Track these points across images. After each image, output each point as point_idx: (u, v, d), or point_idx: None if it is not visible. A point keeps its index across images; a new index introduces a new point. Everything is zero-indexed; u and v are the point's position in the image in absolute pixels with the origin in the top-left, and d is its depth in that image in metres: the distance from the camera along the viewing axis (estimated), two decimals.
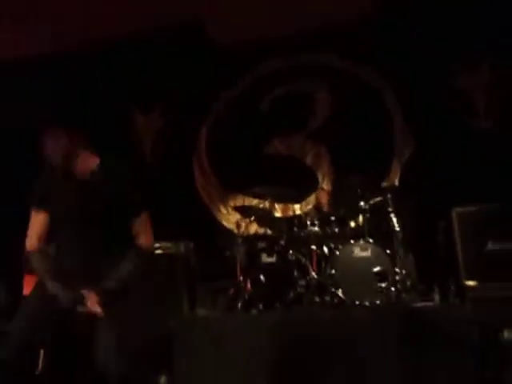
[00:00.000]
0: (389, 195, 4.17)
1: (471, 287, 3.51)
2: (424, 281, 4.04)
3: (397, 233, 4.02)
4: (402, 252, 3.99)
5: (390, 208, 4.10)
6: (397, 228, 4.03)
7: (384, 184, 5.28)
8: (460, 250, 3.66)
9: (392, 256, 3.88)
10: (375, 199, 4.29)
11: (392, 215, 4.07)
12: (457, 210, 3.78)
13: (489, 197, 4.09)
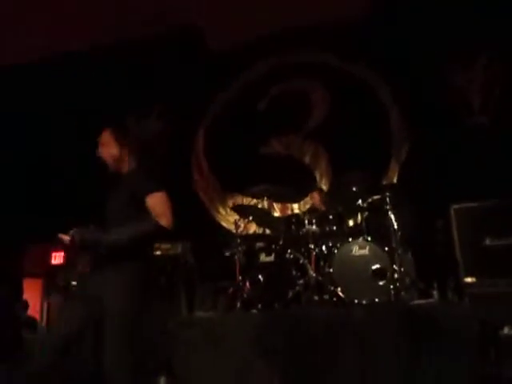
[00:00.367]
0: (387, 193, 4.16)
1: (470, 284, 3.51)
2: (423, 278, 4.04)
3: (395, 231, 4.01)
4: (401, 250, 3.98)
5: (389, 206, 4.09)
6: (395, 226, 4.03)
7: (382, 182, 5.29)
8: (458, 247, 3.65)
9: (390, 254, 3.88)
10: (373, 197, 4.28)
11: (390, 213, 4.07)
12: (454, 207, 3.77)
13: (487, 193, 4.08)
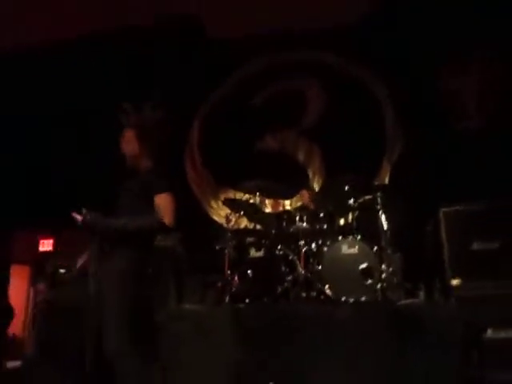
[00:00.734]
0: (378, 194, 4.19)
1: (456, 286, 3.54)
2: (410, 279, 4.08)
3: (385, 231, 4.05)
4: (390, 250, 4.02)
5: (379, 206, 4.13)
6: (385, 226, 4.07)
7: (374, 182, 5.32)
8: (446, 249, 3.68)
9: (379, 253, 3.91)
10: (365, 197, 4.32)
11: (381, 213, 4.10)
12: (444, 210, 3.79)
13: (478, 196, 4.11)
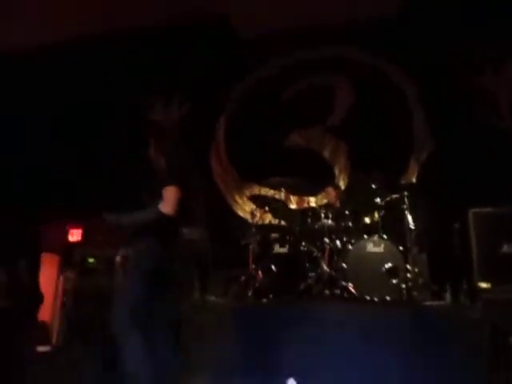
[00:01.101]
0: (405, 193, 4.14)
1: (484, 289, 3.48)
2: (436, 280, 4.02)
3: (411, 231, 4.00)
4: (416, 250, 3.98)
5: (406, 205, 4.08)
6: (411, 226, 4.02)
7: (401, 181, 5.26)
8: (474, 251, 3.62)
9: (405, 253, 3.87)
10: (391, 196, 4.27)
11: (407, 213, 4.05)
12: (473, 211, 3.72)
13: (506, 198, 4.03)
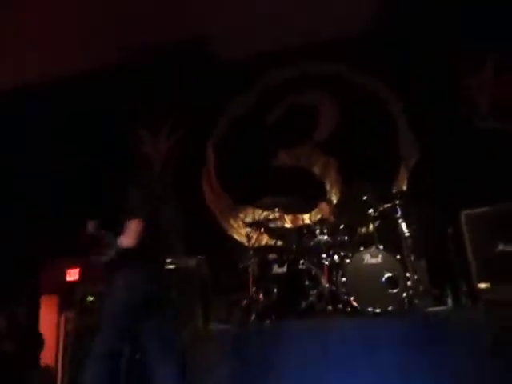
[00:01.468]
0: (397, 201, 4.18)
1: (483, 289, 3.48)
2: (436, 285, 4.03)
3: (406, 238, 4.03)
4: (413, 257, 3.99)
5: (399, 214, 4.11)
6: (406, 233, 4.04)
7: (392, 190, 5.30)
8: (470, 253, 3.63)
9: (403, 262, 3.89)
10: (384, 206, 4.30)
11: (401, 221, 4.08)
12: (465, 213, 3.75)
13: (498, 197, 4.06)
